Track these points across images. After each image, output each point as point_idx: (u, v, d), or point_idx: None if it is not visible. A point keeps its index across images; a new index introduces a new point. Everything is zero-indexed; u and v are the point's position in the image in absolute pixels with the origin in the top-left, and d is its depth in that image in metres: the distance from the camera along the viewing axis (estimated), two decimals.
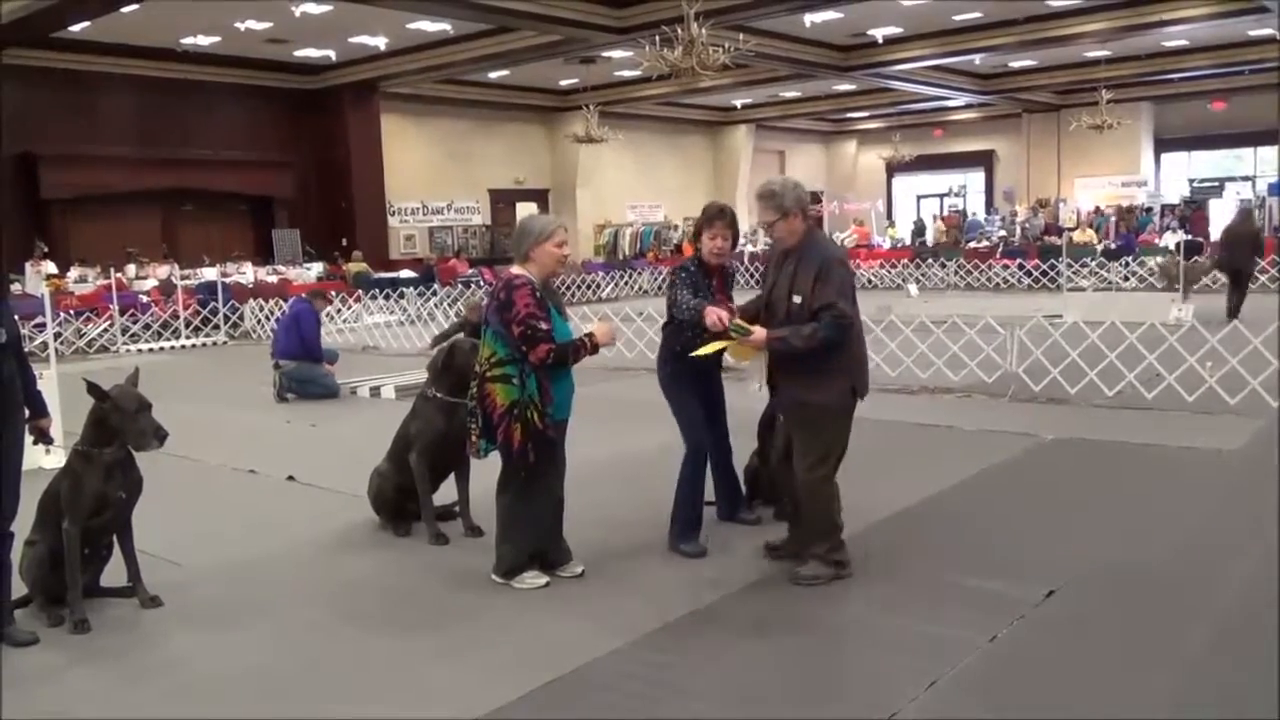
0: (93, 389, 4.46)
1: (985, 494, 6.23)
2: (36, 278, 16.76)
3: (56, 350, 8.68)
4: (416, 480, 5.51)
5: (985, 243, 25.76)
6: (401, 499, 5.65)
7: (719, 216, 5.10)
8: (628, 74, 24.19)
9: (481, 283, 20.02)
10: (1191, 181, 30.21)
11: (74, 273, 18.03)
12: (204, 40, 19.23)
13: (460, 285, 20.13)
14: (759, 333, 4.50)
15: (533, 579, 4.72)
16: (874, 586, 4.68)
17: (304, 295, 11.52)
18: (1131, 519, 5.56)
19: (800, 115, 32.11)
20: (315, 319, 10.73)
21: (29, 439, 4.45)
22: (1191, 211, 26.69)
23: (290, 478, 7.05)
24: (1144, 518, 5.59)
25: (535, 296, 4.51)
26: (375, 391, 10.47)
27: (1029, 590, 4.46)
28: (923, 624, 4.20)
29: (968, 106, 31.18)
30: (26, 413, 4.36)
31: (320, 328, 10.87)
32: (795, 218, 4.53)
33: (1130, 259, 21.37)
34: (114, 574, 4.73)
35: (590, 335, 4.65)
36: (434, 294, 18.62)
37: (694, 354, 4.78)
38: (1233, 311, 13.62)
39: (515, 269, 4.64)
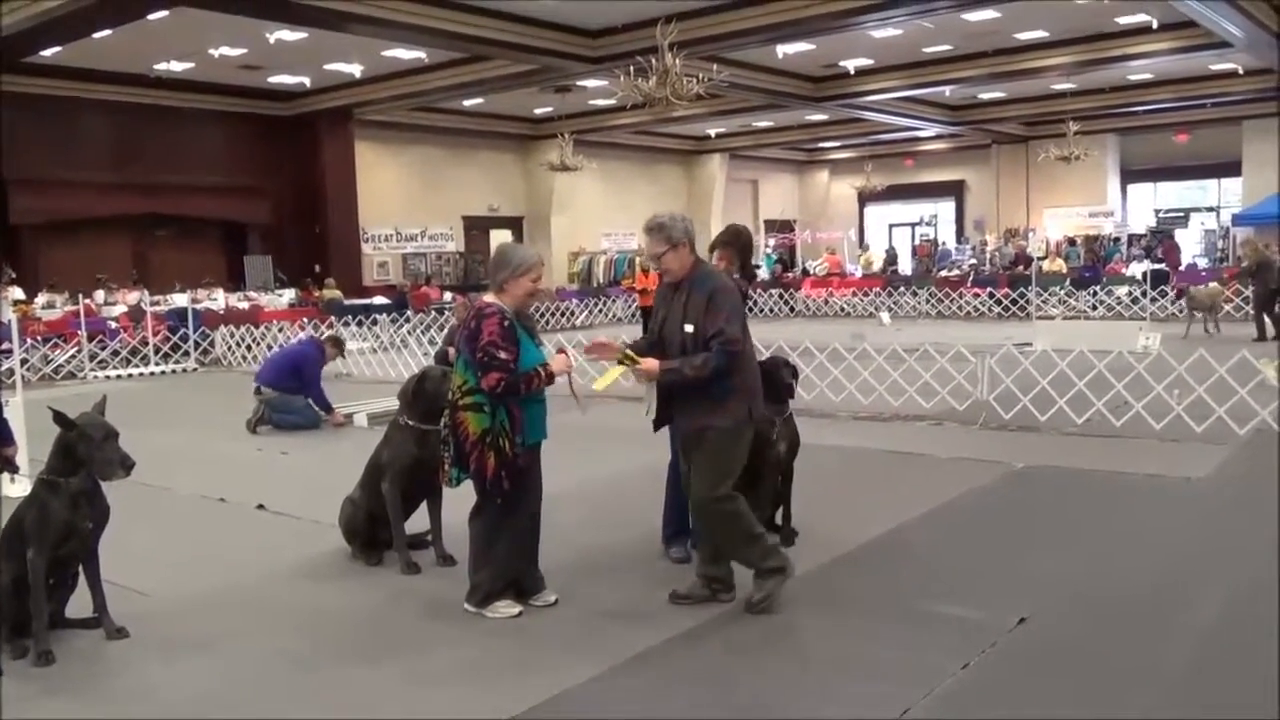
0: (59, 418, 4.40)
1: (957, 521, 6.26)
2: (3, 303, 16.56)
3: (23, 377, 8.58)
4: (389, 508, 5.47)
5: (956, 272, 26.01)
6: (373, 527, 5.60)
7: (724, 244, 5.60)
8: (602, 103, 24.32)
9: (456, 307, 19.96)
10: (1158, 212, 30.69)
11: (41, 298, 17.84)
12: (178, 66, 19.15)
13: (433, 312, 20.08)
14: (650, 363, 4.54)
15: (506, 608, 4.69)
16: (848, 613, 4.68)
17: (317, 337, 11.25)
18: (1102, 546, 5.61)
19: (773, 145, 32.39)
20: (318, 365, 10.51)
21: None
22: (1161, 242, 27.07)
23: (260, 506, 6.98)
24: (1114, 544, 5.63)
25: (503, 325, 4.51)
26: (347, 419, 10.39)
27: (1001, 617, 4.48)
28: (896, 651, 4.20)
29: (938, 137, 31.57)
30: None
31: (321, 373, 10.56)
32: (683, 249, 4.61)
33: (1098, 288, 21.66)
34: (79, 605, 4.66)
35: (545, 365, 4.64)
36: (407, 321, 18.55)
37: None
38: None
39: (488, 297, 4.65)
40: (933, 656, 4.10)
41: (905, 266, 30.39)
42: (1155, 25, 18.11)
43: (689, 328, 4.53)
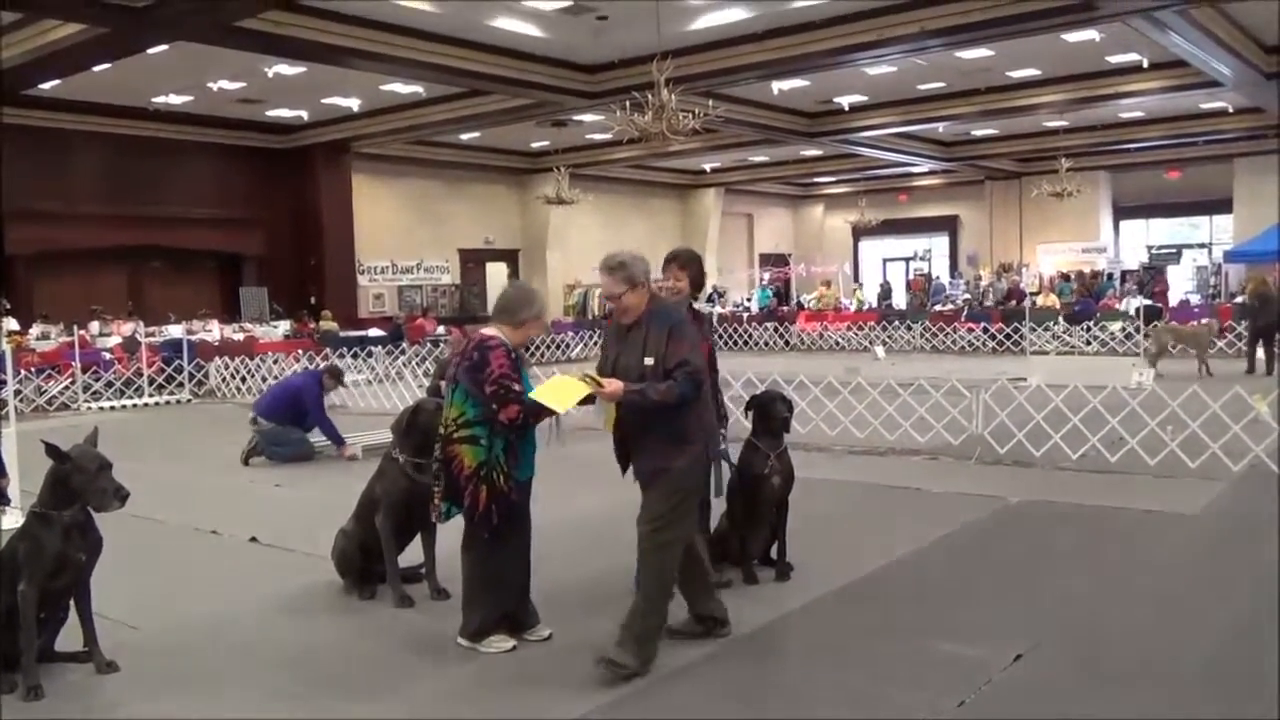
0: (51, 450, 4.39)
1: (952, 556, 6.24)
2: None
3: (16, 408, 8.57)
4: (382, 542, 5.45)
5: (950, 306, 26.10)
6: (366, 561, 5.58)
7: (673, 260, 5.41)
8: (598, 137, 24.50)
9: (450, 341, 19.97)
10: (1150, 248, 30.88)
11: (36, 329, 17.82)
12: (176, 99, 19.28)
13: (429, 344, 20.08)
14: (614, 385, 4.37)
15: (499, 642, 4.67)
16: (843, 650, 4.66)
17: (318, 369, 11.24)
18: (1097, 582, 5.59)
19: (768, 179, 32.60)
20: (320, 397, 10.43)
21: None
22: (1154, 278, 27.21)
23: (253, 539, 6.94)
24: (1110, 580, 5.62)
25: (510, 359, 4.55)
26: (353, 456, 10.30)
27: (997, 654, 4.46)
28: (891, 688, 4.18)
29: (932, 173, 31.81)
30: None
31: (324, 405, 10.50)
32: (643, 289, 4.53)
33: (1090, 323, 21.75)
34: (68, 638, 4.62)
35: None
36: (402, 353, 18.55)
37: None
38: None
39: (490, 331, 4.66)
40: (928, 694, 4.08)
41: (900, 301, 30.49)
42: (1146, 64, 18.32)
43: (649, 360, 4.41)
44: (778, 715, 4.03)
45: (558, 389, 4.41)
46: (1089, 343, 21.17)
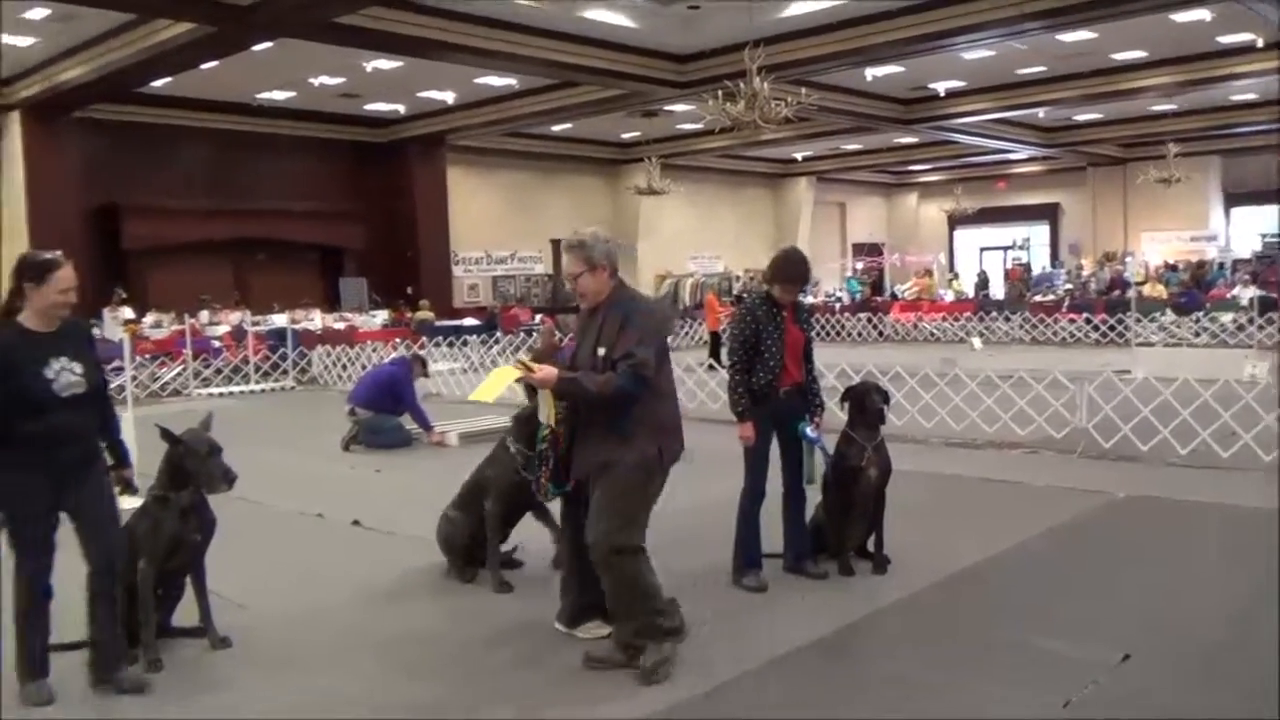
0: (165, 434, 4.61)
1: (1056, 552, 6.09)
2: (114, 323, 17.26)
3: (133, 394, 8.93)
4: (488, 527, 5.54)
5: (1051, 296, 25.39)
6: (471, 545, 5.67)
7: (775, 277, 5.45)
8: (689, 127, 24.44)
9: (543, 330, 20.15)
10: (1264, 236, 29.54)
11: (150, 318, 18.57)
12: (279, 95, 19.85)
13: (522, 333, 20.33)
14: (547, 371, 4.19)
15: (595, 629, 4.71)
16: (941, 646, 4.59)
17: (405, 357, 11.55)
18: (1207, 580, 5.41)
19: (861, 168, 32.15)
20: (411, 383, 10.69)
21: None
22: (1265, 267, 26.05)
23: (356, 522, 7.13)
24: (1221, 581, 5.43)
25: None
26: (443, 436, 10.51)
27: (1103, 653, 4.34)
28: (992, 686, 4.11)
29: (1031, 159, 30.98)
30: (107, 460, 4.42)
31: (415, 391, 10.78)
32: (603, 271, 4.31)
33: (1200, 314, 20.93)
34: (184, 614, 4.81)
35: None
36: (496, 342, 18.82)
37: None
38: None
39: None
40: (1031, 692, 4.00)
41: (998, 291, 29.74)
42: (1260, 44, 17.50)
43: (601, 351, 4.22)
44: (875, 710, 3.99)
45: (493, 379, 4.30)
46: (1198, 334, 20.39)
